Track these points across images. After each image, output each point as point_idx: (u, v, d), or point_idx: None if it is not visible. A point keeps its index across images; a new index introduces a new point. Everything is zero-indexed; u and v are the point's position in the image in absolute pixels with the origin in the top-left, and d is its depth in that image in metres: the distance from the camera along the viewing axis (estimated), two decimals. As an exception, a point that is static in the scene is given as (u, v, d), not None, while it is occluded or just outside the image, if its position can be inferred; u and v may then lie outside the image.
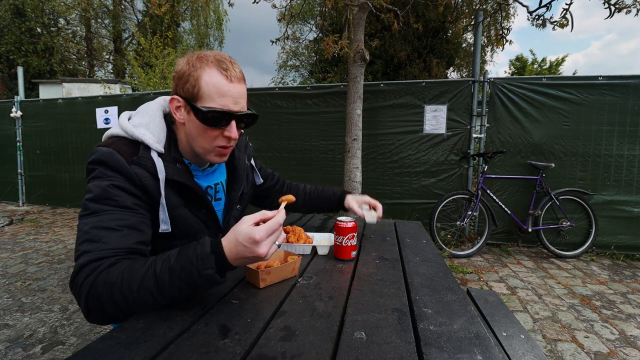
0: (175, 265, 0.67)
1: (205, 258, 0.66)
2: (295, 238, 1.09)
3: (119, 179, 0.78)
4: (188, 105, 0.84)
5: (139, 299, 0.66)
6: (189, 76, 0.83)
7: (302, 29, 14.17)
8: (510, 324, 1.07)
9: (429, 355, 0.57)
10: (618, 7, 2.97)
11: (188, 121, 0.86)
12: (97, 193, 0.75)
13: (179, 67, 0.86)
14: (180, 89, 0.85)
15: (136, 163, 0.80)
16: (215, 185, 1.02)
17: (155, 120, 0.88)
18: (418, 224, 1.56)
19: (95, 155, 0.79)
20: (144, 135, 0.83)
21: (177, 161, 0.88)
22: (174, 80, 0.87)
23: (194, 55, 0.85)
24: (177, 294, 0.67)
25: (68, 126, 5.23)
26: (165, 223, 0.84)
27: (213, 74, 0.82)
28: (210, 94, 0.82)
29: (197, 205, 0.92)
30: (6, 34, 12.10)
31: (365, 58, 3.23)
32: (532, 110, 3.52)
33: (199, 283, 0.66)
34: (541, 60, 16.65)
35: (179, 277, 0.66)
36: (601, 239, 3.43)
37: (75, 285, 0.69)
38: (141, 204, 0.80)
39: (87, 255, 0.69)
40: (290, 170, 4.24)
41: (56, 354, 1.80)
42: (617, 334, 2.04)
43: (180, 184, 0.86)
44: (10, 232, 4.18)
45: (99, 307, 0.67)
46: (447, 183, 3.80)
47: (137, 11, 15.90)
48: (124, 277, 0.67)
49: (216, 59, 0.84)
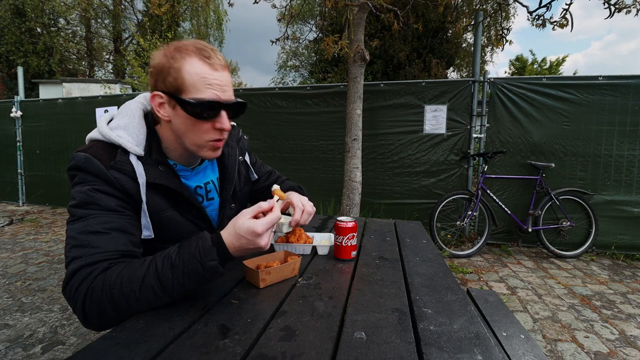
0: (178, 260, 0.67)
1: (207, 250, 0.67)
2: (295, 238, 1.08)
3: (99, 182, 0.75)
4: (172, 99, 0.79)
5: (142, 298, 0.66)
6: (169, 69, 0.78)
7: (302, 29, 14.17)
8: (510, 324, 1.07)
9: (429, 355, 0.57)
10: (618, 7, 2.97)
11: (175, 117, 0.82)
12: (80, 199, 0.74)
13: (155, 61, 0.80)
14: (161, 83, 0.79)
15: (114, 167, 0.77)
16: (206, 184, 0.98)
17: (134, 121, 0.84)
18: (418, 224, 1.56)
19: (74, 162, 0.77)
20: (121, 139, 0.80)
21: (160, 163, 0.84)
22: (152, 75, 0.81)
23: (171, 46, 0.80)
24: (181, 290, 0.68)
25: (68, 126, 5.23)
26: (147, 229, 0.80)
27: (195, 63, 0.78)
28: (195, 84, 0.77)
29: (186, 207, 0.88)
30: (6, 34, 12.10)
31: (365, 58, 3.23)
32: (532, 110, 3.52)
33: (203, 276, 0.67)
34: (541, 60, 16.66)
35: (183, 272, 0.66)
36: (601, 239, 3.42)
37: (69, 292, 0.67)
38: (126, 206, 0.78)
39: (78, 261, 0.68)
40: (290, 171, 4.24)
41: (56, 354, 1.79)
42: (617, 334, 2.04)
43: (163, 186, 0.82)
44: (10, 232, 4.18)
45: (97, 312, 0.67)
46: (447, 183, 3.80)
47: (137, 11, 15.91)
48: (123, 279, 0.66)
49: (196, 47, 0.79)
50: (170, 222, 0.86)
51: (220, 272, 0.68)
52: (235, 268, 0.93)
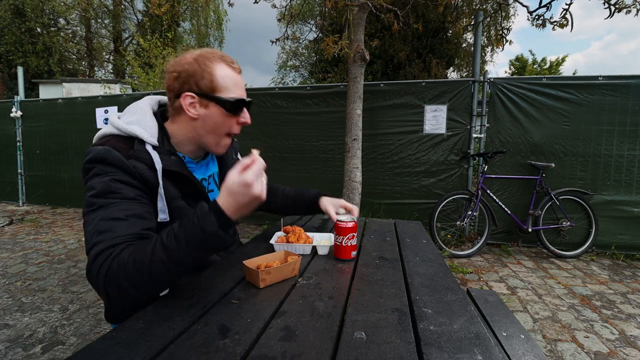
0: (179, 230, 0.70)
1: (205, 216, 0.69)
2: (295, 238, 1.09)
3: (119, 173, 0.80)
4: (206, 98, 0.88)
5: (153, 271, 0.69)
6: (202, 72, 0.87)
7: (302, 29, 14.16)
8: (510, 324, 1.07)
9: (429, 355, 0.57)
10: (618, 7, 2.97)
11: (206, 115, 0.90)
12: (100, 188, 0.77)
13: (184, 67, 0.88)
14: (194, 85, 0.87)
15: (133, 157, 0.82)
16: (209, 177, 1.05)
17: (145, 117, 0.91)
18: (418, 224, 1.56)
19: (92, 154, 0.80)
20: (137, 131, 0.86)
21: (172, 153, 0.90)
22: (179, 79, 0.88)
23: (193, 54, 0.89)
24: (188, 259, 0.70)
25: (68, 126, 5.23)
26: (163, 212, 0.86)
27: (224, 68, 0.89)
28: (227, 85, 0.89)
29: (194, 197, 0.94)
30: (6, 34, 12.10)
31: (365, 58, 3.23)
32: (532, 110, 3.52)
33: (205, 242, 0.69)
34: (541, 60, 16.67)
35: (186, 241, 0.69)
36: (601, 239, 3.42)
37: (92, 274, 0.71)
38: (144, 195, 0.83)
39: (99, 245, 0.72)
40: (290, 170, 4.24)
41: (56, 354, 1.80)
42: (617, 334, 2.04)
43: (177, 174, 0.89)
44: (10, 232, 4.18)
45: (117, 291, 0.70)
46: (447, 183, 3.80)
47: (137, 11, 15.90)
48: (135, 255, 0.70)
49: (219, 55, 0.91)
50: (179, 212, 0.90)
51: (222, 236, 0.70)
52: (235, 268, 0.93)
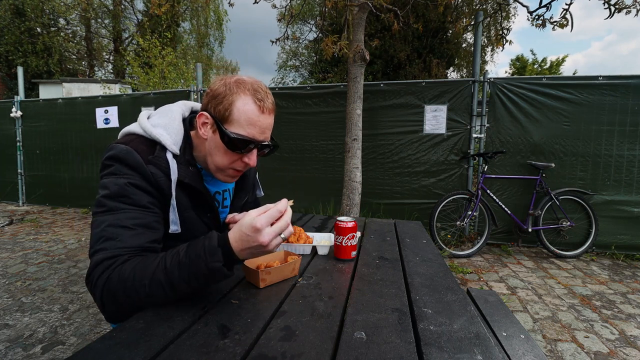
0: (185, 259, 0.68)
1: (212, 251, 0.67)
2: (295, 238, 1.09)
3: (136, 177, 0.79)
4: (215, 124, 0.85)
5: (151, 292, 0.68)
6: (223, 98, 0.83)
7: (302, 29, 14.16)
8: (510, 324, 1.07)
9: (429, 355, 0.57)
10: (618, 7, 2.97)
11: (211, 139, 0.87)
12: (114, 190, 0.76)
13: (215, 87, 0.86)
14: (212, 107, 0.85)
15: (152, 162, 0.81)
16: (224, 191, 1.03)
17: (174, 123, 0.89)
18: (418, 224, 1.56)
19: (114, 152, 0.80)
20: (161, 136, 0.85)
21: (190, 164, 0.89)
22: (207, 96, 0.87)
23: (232, 77, 0.86)
24: (187, 288, 0.69)
25: (68, 126, 5.23)
26: (175, 224, 0.84)
27: (247, 101, 0.83)
28: (239, 120, 0.83)
29: (204, 209, 0.93)
30: (6, 34, 12.10)
31: (365, 58, 3.23)
32: (532, 110, 3.52)
33: (207, 276, 0.67)
34: (541, 60, 16.66)
35: (188, 271, 0.67)
36: (601, 239, 3.42)
37: (91, 281, 0.71)
38: (156, 203, 0.82)
39: (102, 253, 0.71)
40: (290, 171, 4.24)
41: (56, 354, 1.79)
42: (617, 334, 2.04)
43: (190, 186, 0.87)
44: (10, 232, 4.18)
45: (113, 302, 0.70)
46: (447, 183, 3.80)
47: (137, 11, 15.90)
48: (136, 272, 0.69)
49: (253, 87, 0.85)
50: (187, 222, 0.89)
51: (225, 274, 0.68)
52: (235, 268, 0.93)
